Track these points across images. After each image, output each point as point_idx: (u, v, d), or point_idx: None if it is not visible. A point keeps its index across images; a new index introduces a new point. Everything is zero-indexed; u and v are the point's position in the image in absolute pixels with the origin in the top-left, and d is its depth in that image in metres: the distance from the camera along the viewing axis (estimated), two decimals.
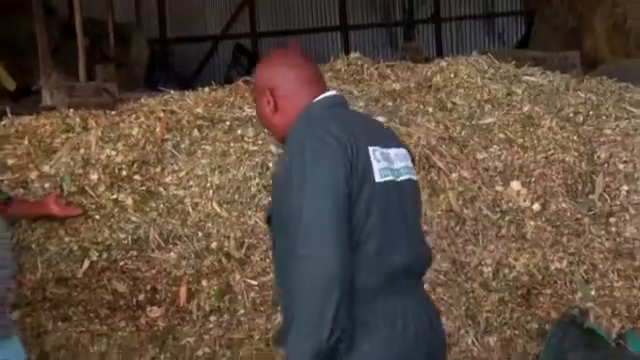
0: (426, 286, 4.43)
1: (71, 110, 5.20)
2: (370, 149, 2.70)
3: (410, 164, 2.87)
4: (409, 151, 2.94)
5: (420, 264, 2.85)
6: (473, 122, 5.11)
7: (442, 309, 4.41)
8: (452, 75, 5.46)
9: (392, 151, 2.79)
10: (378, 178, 2.68)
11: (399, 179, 2.76)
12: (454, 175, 4.74)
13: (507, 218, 4.66)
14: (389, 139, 2.87)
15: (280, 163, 2.85)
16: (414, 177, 2.87)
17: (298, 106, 2.83)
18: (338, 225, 2.58)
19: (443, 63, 5.64)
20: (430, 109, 5.17)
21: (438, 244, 4.55)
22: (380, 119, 4.96)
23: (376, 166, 2.69)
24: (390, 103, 5.23)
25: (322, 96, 2.86)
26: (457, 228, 4.61)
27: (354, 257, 2.61)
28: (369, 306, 2.64)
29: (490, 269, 4.49)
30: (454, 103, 5.27)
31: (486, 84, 5.39)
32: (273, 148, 4.58)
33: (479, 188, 4.72)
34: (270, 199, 3.05)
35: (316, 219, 2.57)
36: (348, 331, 2.54)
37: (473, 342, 4.35)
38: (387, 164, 2.73)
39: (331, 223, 2.57)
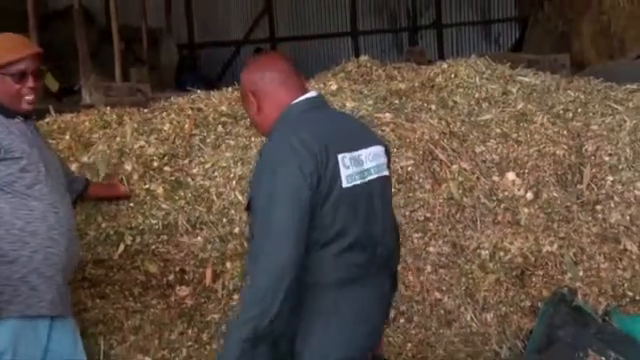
0: (429, 268, 4.47)
1: (108, 108, 5.20)
2: (339, 157, 2.75)
3: (382, 160, 2.94)
4: (385, 145, 3.02)
5: (387, 257, 2.94)
6: (472, 118, 5.10)
7: (444, 289, 4.42)
8: (453, 76, 5.44)
9: (363, 152, 2.86)
10: (345, 184, 2.74)
11: (368, 179, 2.83)
12: (455, 167, 4.73)
13: (503, 206, 4.65)
14: (361, 141, 2.91)
15: (257, 159, 2.90)
16: (385, 172, 2.94)
17: (278, 105, 2.88)
18: (297, 227, 2.64)
19: (444, 65, 5.63)
20: (433, 107, 5.15)
21: (440, 229, 4.55)
22: (387, 116, 4.96)
23: (344, 173, 2.75)
24: (397, 101, 5.22)
25: (302, 97, 2.91)
26: (457, 215, 4.61)
27: (322, 255, 2.71)
28: (331, 297, 2.74)
29: (487, 252, 4.49)
30: (455, 101, 5.25)
31: (484, 84, 5.38)
32: None
33: (477, 178, 4.71)
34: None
35: (278, 219, 2.63)
36: (284, 319, 2.65)
37: (472, 318, 4.35)
38: (356, 168, 2.80)
39: (291, 225, 2.63)
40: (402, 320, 4.31)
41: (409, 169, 4.66)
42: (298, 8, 18.79)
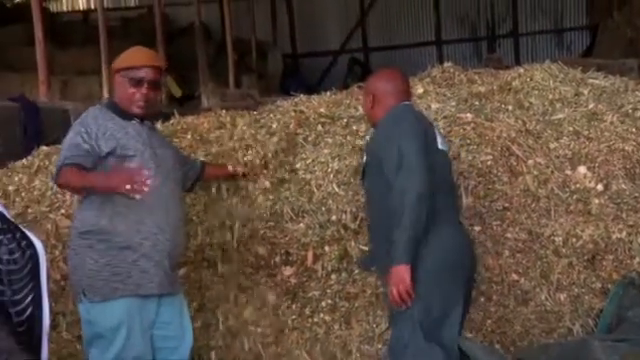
0: (507, 252, 4.40)
1: (223, 111, 5.26)
2: (434, 128, 3.65)
3: (446, 143, 3.77)
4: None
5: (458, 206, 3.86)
6: (546, 118, 4.98)
7: (520, 271, 4.33)
8: (528, 79, 5.32)
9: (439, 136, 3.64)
10: (440, 146, 3.54)
11: (445, 149, 3.66)
12: (530, 161, 4.64)
13: (575, 197, 4.52)
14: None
15: (372, 139, 3.70)
16: (447, 149, 3.75)
17: (386, 108, 3.60)
18: (424, 168, 3.27)
19: (521, 70, 5.51)
20: (510, 107, 5.05)
21: (517, 218, 4.46)
22: (469, 116, 4.89)
23: (439, 138, 3.57)
24: (477, 103, 5.14)
25: (402, 104, 3.64)
26: (533, 205, 4.51)
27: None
28: (439, 224, 3.36)
29: (561, 238, 4.38)
30: (530, 102, 5.13)
31: (557, 86, 5.24)
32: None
33: (551, 172, 4.60)
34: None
35: (415, 164, 3.26)
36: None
37: (546, 298, 4.26)
38: (441, 139, 3.61)
39: (422, 170, 3.26)
40: (482, 299, 4.25)
41: (488, 163, 4.59)
42: (388, 20, 18.73)
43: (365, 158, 3.68)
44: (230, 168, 4.39)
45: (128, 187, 3.23)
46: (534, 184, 4.55)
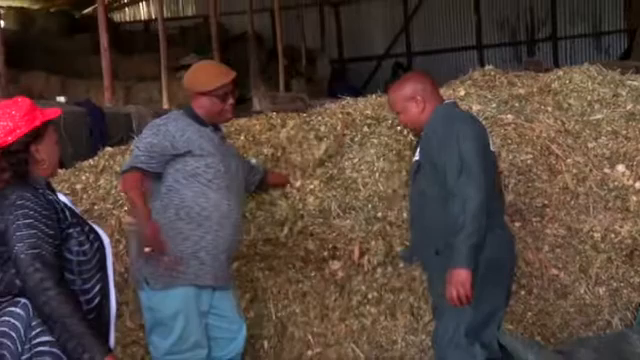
0: (547, 247, 4.33)
1: (274, 113, 5.28)
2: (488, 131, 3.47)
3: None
4: None
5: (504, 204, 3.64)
6: (585, 118, 4.89)
7: (560, 266, 4.26)
8: (567, 81, 5.23)
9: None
10: (492, 148, 3.36)
11: (494, 151, 3.50)
12: (569, 160, 4.56)
13: (613, 194, 4.43)
14: None
15: (426, 139, 3.37)
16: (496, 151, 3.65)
17: (432, 108, 3.36)
18: (483, 171, 3.16)
19: (560, 72, 5.42)
20: (549, 108, 4.97)
21: (556, 214, 4.39)
22: (509, 117, 4.83)
23: (490, 140, 3.38)
24: (517, 104, 5.07)
25: (448, 101, 3.48)
26: (572, 202, 4.43)
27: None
28: (492, 220, 3.22)
29: (599, 234, 4.30)
30: (569, 103, 5.04)
31: (595, 88, 5.14)
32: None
33: (590, 170, 4.52)
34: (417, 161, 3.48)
35: (477, 170, 3.14)
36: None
37: (585, 291, 4.19)
38: (491, 140, 3.42)
39: (481, 175, 3.14)
40: (523, 292, 4.19)
41: (528, 162, 4.53)
42: (431, 26, 18.63)
43: (417, 157, 3.46)
44: (289, 178, 4.45)
45: (148, 249, 3.34)
46: (573, 182, 4.48)
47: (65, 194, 2.64)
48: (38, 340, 2.29)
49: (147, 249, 3.34)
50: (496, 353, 3.29)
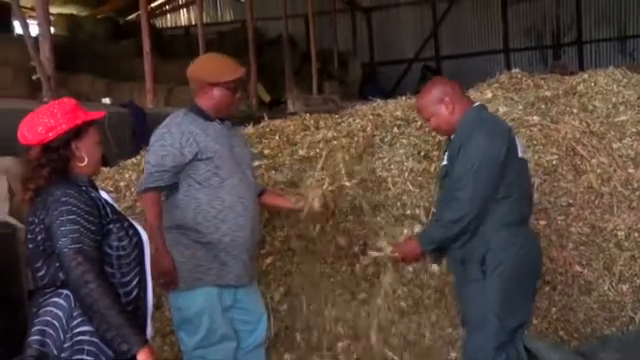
0: (571, 245, 4.26)
1: (307, 115, 5.28)
2: (515, 137, 3.23)
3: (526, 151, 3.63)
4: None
5: (532, 209, 3.40)
6: (609, 120, 4.81)
7: (584, 263, 4.20)
8: (593, 84, 5.16)
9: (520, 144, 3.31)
10: (520, 154, 3.20)
11: (525, 156, 3.32)
12: (594, 160, 4.49)
13: (637, 194, 4.36)
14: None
15: (453, 145, 3.27)
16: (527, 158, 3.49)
17: (464, 108, 3.25)
18: (486, 188, 3.09)
19: (585, 75, 5.35)
20: (575, 110, 4.90)
21: (580, 213, 4.33)
22: (535, 118, 4.76)
23: (519, 147, 3.21)
24: (543, 106, 5.01)
25: (477, 103, 3.33)
26: (596, 201, 4.36)
27: (507, 202, 3.12)
28: (516, 229, 3.16)
29: (623, 233, 4.23)
30: (594, 105, 4.97)
31: (620, 90, 5.06)
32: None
33: (614, 170, 4.44)
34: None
35: (474, 182, 3.07)
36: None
37: (609, 288, 4.12)
38: (521, 147, 3.26)
39: (483, 187, 3.07)
40: (547, 288, 4.13)
41: (554, 162, 4.47)
42: (459, 31, 18.49)
43: (445, 162, 3.37)
44: (291, 202, 3.80)
45: (160, 279, 3.30)
46: (597, 182, 4.41)
47: (108, 191, 2.65)
48: (79, 330, 2.31)
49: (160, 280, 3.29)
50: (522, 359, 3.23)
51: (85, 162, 2.49)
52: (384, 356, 4.01)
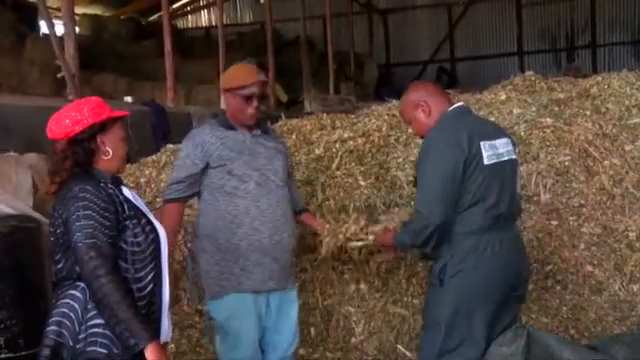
0: (582, 245, 4.23)
1: (324, 114, 5.28)
2: (481, 143, 3.00)
3: (511, 147, 3.14)
4: (510, 138, 3.24)
5: (513, 213, 3.15)
6: (622, 122, 4.77)
7: (595, 263, 4.17)
8: (606, 87, 5.12)
9: (497, 141, 3.08)
10: (486, 162, 2.99)
11: (502, 159, 3.05)
12: (606, 162, 4.45)
13: None
14: (496, 133, 3.15)
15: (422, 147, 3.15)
16: (514, 156, 3.15)
17: (442, 110, 3.13)
18: (443, 198, 2.95)
19: (599, 77, 5.31)
20: (588, 112, 4.87)
21: (592, 214, 4.29)
22: (548, 120, 4.73)
23: (485, 154, 2.99)
24: (556, 108, 4.97)
25: (455, 105, 3.17)
26: (608, 202, 4.33)
27: (472, 211, 2.98)
28: (479, 238, 2.98)
29: (634, 234, 4.19)
30: (607, 108, 4.93)
31: (633, 93, 5.01)
32: None
33: (626, 172, 4.40)
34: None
35: (430, 193, 2.98)
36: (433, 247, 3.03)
37: (620, 288, 4.09)
38: (493, 152, 3.02)
39: (438, 197, 2.96)
40: (558, 287, 4.11)
41: (566, 164, 4.44)
42: (474, 33, 18.40)
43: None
44: (321, 228, 3.74)
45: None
46: (609, 183, 4.37)
47: (130, 187, 2.66)
48: (93, 322, 2.33)
49: None
50: None
51: (110, 156, 2.51)
52: (397, 352, 4.00)
